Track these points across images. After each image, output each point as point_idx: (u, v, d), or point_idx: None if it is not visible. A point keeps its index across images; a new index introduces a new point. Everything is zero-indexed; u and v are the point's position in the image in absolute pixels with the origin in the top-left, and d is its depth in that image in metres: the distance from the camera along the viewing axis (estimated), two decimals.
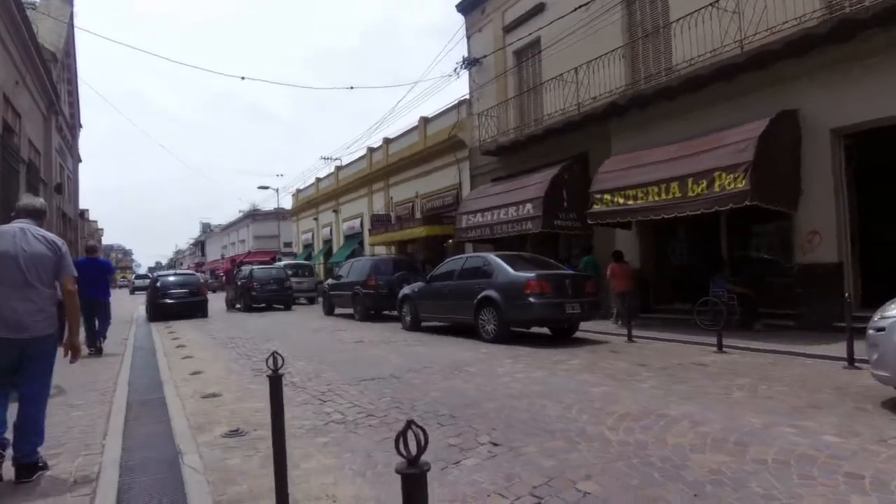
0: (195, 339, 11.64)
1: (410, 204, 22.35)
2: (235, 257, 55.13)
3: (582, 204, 13.97)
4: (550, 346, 8.89)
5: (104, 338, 9.62)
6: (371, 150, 26.19)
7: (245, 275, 20.32)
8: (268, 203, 52.83)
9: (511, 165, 16.49)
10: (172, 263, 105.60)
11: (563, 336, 9.95)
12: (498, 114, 16.92)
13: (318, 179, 33.44)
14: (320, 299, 23.61)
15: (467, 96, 18.82)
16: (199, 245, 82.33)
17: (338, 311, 16.72)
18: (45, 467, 3.67)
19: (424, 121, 21.42)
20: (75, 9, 18.86)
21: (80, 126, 23.04)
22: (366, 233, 26.39)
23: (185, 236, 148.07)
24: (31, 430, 3.55)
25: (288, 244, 44.44)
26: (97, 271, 9.39)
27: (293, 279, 21.65)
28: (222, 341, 10.90)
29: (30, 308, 3.52)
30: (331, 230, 31.08)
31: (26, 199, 3.97)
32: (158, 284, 18.09)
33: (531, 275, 8.97)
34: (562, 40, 14.62)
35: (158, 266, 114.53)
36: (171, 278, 18.79)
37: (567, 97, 13.85)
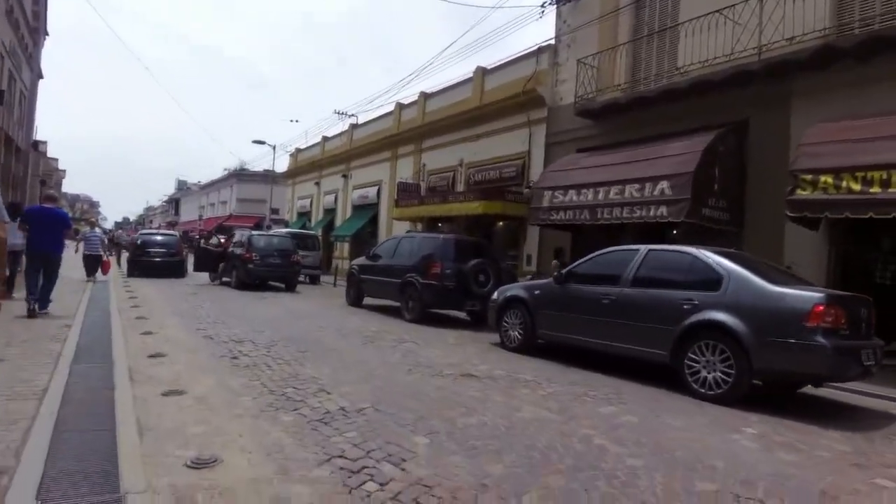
0: (179, 337, 7.41)
1: (451, 174, 18.18)
2: (215, 220, 50.16)
3: (735, 189, 10.15)
4: (822, 419, 4.94)
5: (49, 301, 8.35)
6: (401, 106, 21.86)
7: (240, 242, 15.93)
8: (259, 165, 47.73)
9: (613, 132, 12.49)
10: (141, 220, 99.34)
11: (788, 392, 6.02)
12: (600, 64, 12.86)
13: (326, 138, 28.91)
14: (326, 279, 19.47)
15: (552, 41, 14.71)
16: (174, 203, 76.58)
17: (367, 300, 12.54)
18: None
19: (482, 72, 17.21)
20: None
21: (46, 34, 18.18)
22: (383, 204, 22.21)
23: (159, 194, 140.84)
24: None
25: (275, 210, 39.73)
26: (54, 223, 8.43)
27: None
28: (225, 348, 6.72)
29: None
30: (336, 198, 26.69)
31: None
32: (140, 242, 18.13)
33: (817, 295, 4.99)
34: None
35: (126, 222, 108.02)
36: (154, 237, 18.93)
37: (738, 37, 9.79)
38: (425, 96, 20.30)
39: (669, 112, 11.05)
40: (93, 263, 14.51)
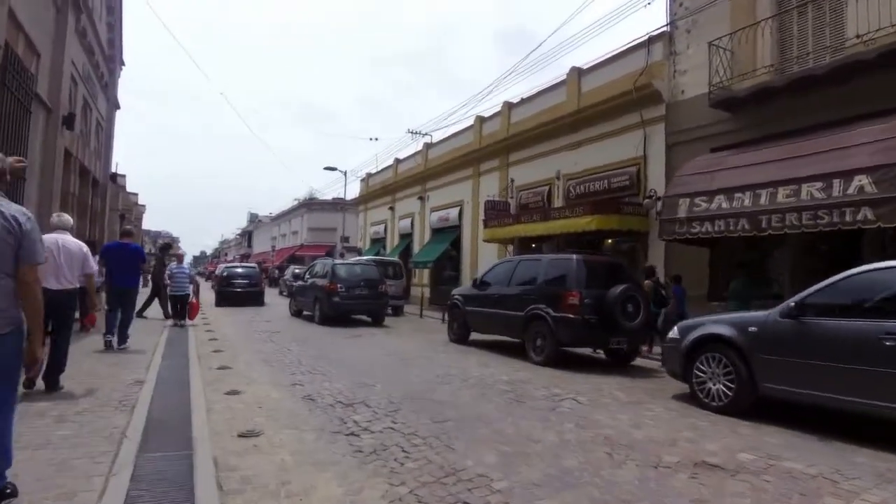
0: (272, 398, 5.88)
1: (546, 188, 16.33)
2: (287, 250, 50.30)
3: None
4: None
5: (128, 336, 8.25)
6: (482, 119, 20.33)
7: (321, 273, 14.61)
8: (329, 193, 47.88)
9: (761, 124, 10.36)
10: (217, 254, 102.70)
11: None
12: (735, 46, 10.80)
13: (398, 160, 27.82)
14: (409, 308, 17.95)
15: (664, 29, 12.77)
16: (247, 236, 78.37)
17: (474, 335, 10.78)
18: (13, 493, 2.80)
19: (578, 73, 15.39)
20: None
21: (123, 64, 17.84)
22: (466, 225, 20.64)
23: (233, 227, 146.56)
24: None
25: (346, 238, 38.93)
26: (130, 257, 8.35)
27: None
28: (335, 417, 5.13)
29: None
30: (412, 222, 25.35)
31: None
32: (225, 274, 20.31)
33: None
34: None
35: (203, 256, 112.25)
36: (236, 269, 21.27)
37: None
38: (509, 106, 18.67)
39: (846, 92, 8.86)
40: (178, 305, 11.97)
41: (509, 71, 65.39)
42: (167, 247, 12.46)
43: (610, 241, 14.26)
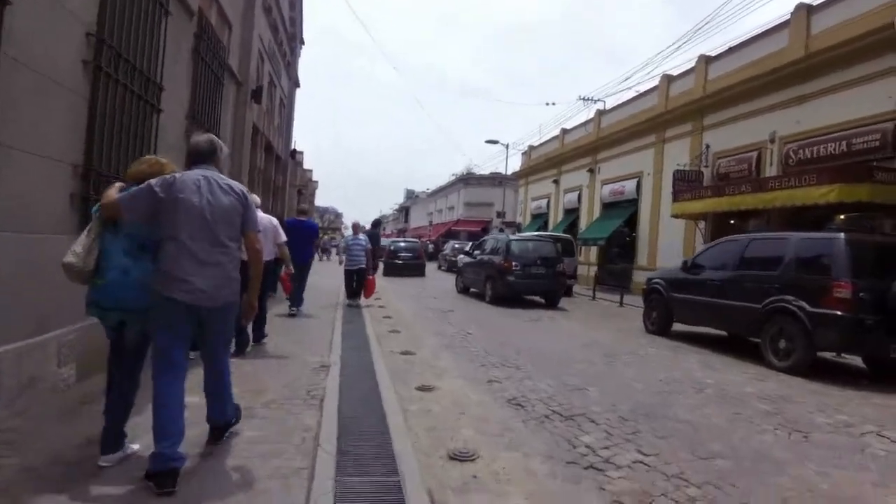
0: (471, 401, 4.98)
1: (754, 154, 13.77)
2: (442, 225, 50.95)
3: None
4: None
5: (302, 300, 9.03)
6: (669, 78, 17.88)
7: (495, 248, 13.69)
8: (486, 167, 47.56)
9: None
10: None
11: None
12: None
13: (565, 131, 26.05)
14: (578, 289, 16.51)
15: None
16: (404, 211, 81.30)
17: (678, 326, 9.13)
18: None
19: (807, 10, 12.54)
20: None
21: (302, 42, 18.29)
22: (645, 199, 18.50)
23: (390, 202, 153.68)
24: (219, 403, 3.20)
25: (501, 213, 37.98)
26: (309, 234, 9.05)
27: None
28: (561, 439, 4.07)
29: (218, 273, 2.85)
30: (579, 196, 23.59)
31: (198, 138, 3.15)
32: (392, 248, 22.34)
33: None
34: None
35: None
36: (400, 244, 23.40)
37: None
38: (706, 60, 16.08)
39: None
40: (353, 280, 10.93)
41: (704, 20, 57.14)
42: (378, 223, 12.54)
43: (842, 216, 11.51)
